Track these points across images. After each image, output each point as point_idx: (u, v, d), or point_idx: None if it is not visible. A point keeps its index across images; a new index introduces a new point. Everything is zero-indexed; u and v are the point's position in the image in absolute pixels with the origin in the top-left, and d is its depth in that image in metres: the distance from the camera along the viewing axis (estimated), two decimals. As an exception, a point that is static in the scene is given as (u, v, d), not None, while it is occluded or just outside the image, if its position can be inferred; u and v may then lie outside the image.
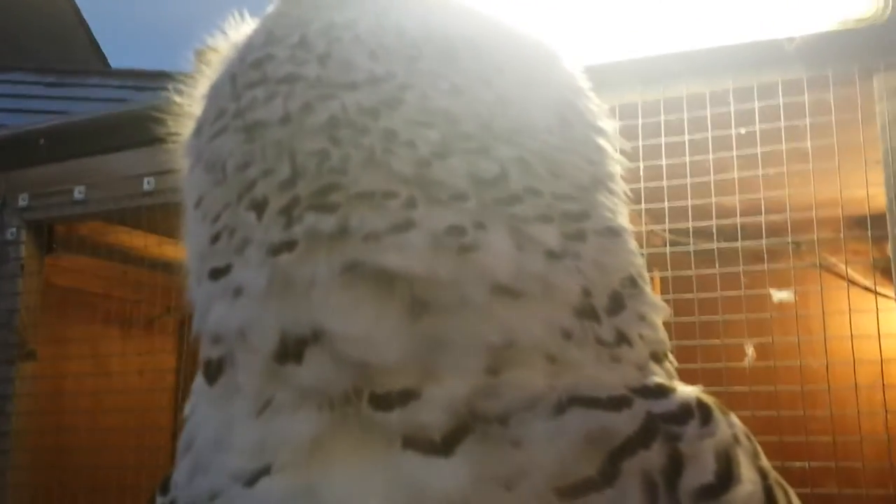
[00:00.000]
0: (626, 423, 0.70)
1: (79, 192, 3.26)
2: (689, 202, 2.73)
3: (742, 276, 2.69)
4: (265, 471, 0.70)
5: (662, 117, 2.76)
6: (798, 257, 2.85)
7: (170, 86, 0.93)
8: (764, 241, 2.67)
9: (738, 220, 2.68)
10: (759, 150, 2.67)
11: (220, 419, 0.75)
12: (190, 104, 0.87)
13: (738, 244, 2.69)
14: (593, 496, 0.66)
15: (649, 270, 0.85)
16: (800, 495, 2.48)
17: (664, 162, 2.74)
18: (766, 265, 2.69)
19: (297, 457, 0.69)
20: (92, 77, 6.72)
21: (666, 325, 0.84)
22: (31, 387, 3.37)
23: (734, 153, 2.69)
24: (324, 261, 0.71)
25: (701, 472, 0.70)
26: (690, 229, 2.76)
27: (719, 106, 2.71)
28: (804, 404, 2.65)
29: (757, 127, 2.68)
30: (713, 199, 2.72)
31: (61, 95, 6.20)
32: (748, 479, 0.72)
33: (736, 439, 0.75)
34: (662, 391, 0.74)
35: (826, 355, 2.63)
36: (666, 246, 2.80)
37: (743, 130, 2.69)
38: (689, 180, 2.72)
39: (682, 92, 2.76)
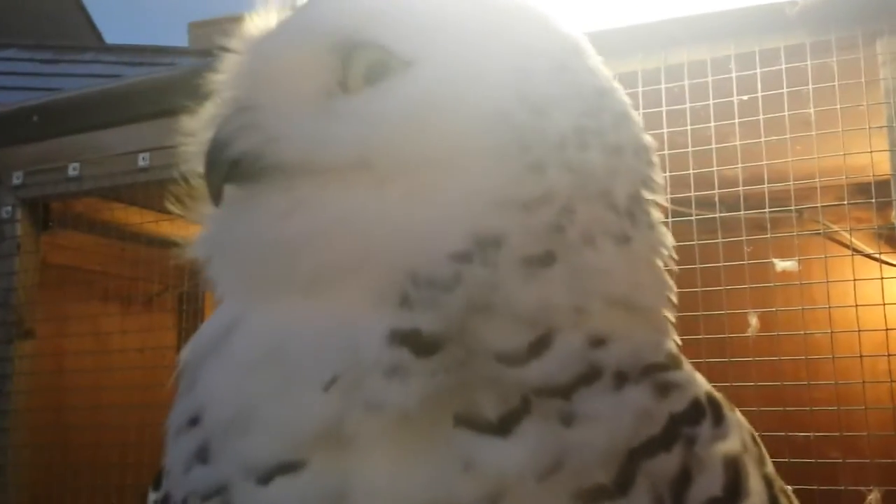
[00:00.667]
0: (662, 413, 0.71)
1: (73, 169, 3.22)
2: (691, 171, 2.69)
3: (745, 246, 2.66)
4: (284, 467, 0.67)
5: (663, 85, 2.71)
6: (801, 226, 2.80)
7: (166, 61, 0.94)
8: (767, 211, 2.63)
9: (741, 188, 2.64)
10: (761, 117, 2.62)
11: (251, 391, 0.71)
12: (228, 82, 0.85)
13: (741, 213, 2.65)
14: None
15: None
16: (804, 465, 2.47)
17: (665, 131, 2.69)
18: (769, 234, 2.65)
19: (329, 445, 0.67)
20: (87, 53, 6.66)
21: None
22: (30, 365, 3.35)
23: (736, 121, 2.64)
24: None
25: (709, 483, 0.70)
26: (693, 199, 2.72)
27: (721, 73, 2.66)
28: (808, 374, 2.62)
29: (759, 94, 2.63)
30: (715, 168, 2.67)
31: (56, 72, 6.15)
32: (755, 492, 0.73)
33: (744, 446, 0.75)
34: (676, 384, 0.73)
35: (830, 324, 2.60)
36: (668, 216, 2.76)
37: (745, 97, 2.64)
38: (690, 149, 2.68)
39: (683, 59, 2.70)
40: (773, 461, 2.63)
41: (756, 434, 0.80)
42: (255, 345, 0.73)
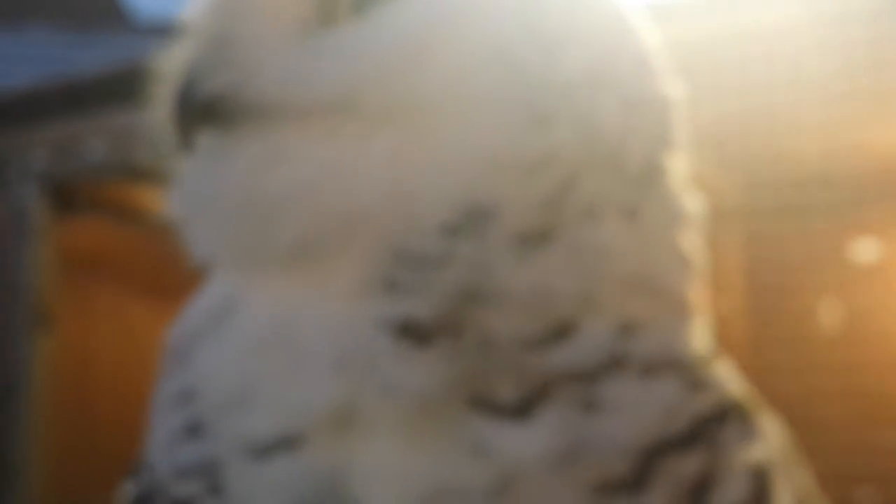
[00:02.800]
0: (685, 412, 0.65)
1: (98, 149, 3.13)
2: (766, 152, 2.54)
3: (825, 235, 2.52)
4: (284, 443, 0.63)
5: (730, 52, 2.54)
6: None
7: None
8: (848, 193, 2.48)
9: (817, 169, 2.48)
10: (841, 89, 2.45)
11: (254, 370, 0.66)
12: None
13: (819, 198, 2.49)
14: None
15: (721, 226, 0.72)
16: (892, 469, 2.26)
17: (736, 105, 2.53)
18: (851, 221, 2.50)
19: (328, 426, 0.63)
20: (114, 31, 6.68)
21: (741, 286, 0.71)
22: (52, 355, 3.29)
23: (815, 94, 2.47)
24: None
25: (731, 492, 0.64)
26: (767, 182, 2.57)
27: (800, 41, 2.49)
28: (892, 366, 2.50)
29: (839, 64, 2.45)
30: (791, 149, 2.51)
31: (81, 52, 6.16)
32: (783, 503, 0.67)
33: (774, 456, 0.68)
34: (704, 382, 0.67)
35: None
36: (738, 200, 2.62)
37: (824, 70, 2.46)
38: (765, 127, 2.52)
39: (752, 25, 2.54)
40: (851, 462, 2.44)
41: (792, 445, 0.71)
42: (256, 326, 0.67)
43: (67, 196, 3.36)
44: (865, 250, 2.50)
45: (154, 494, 0.78)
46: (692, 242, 0.72)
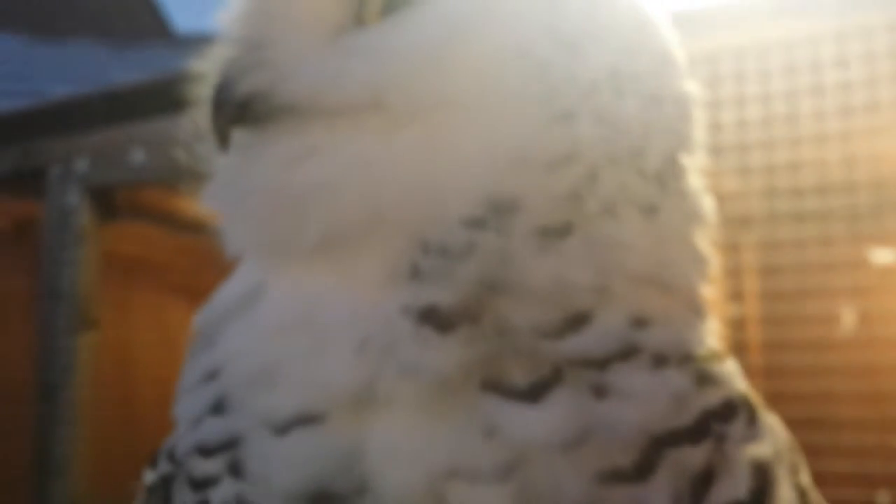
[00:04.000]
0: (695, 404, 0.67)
1: (139, 156, 3.20)
2: (783, 157, 2.55)
3: (840, 238, 2.52)
4: (304, 419, 0.66)
5: (751, 65, 2.57)
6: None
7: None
8: (863, 199, 2.48)
9: (837, 175, 2.49)
10: (858, 99, 2.47)
11: (278, 350, 0.69)
12: None
13: (836, 202, 2.50)
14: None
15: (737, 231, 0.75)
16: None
17: (754, 113, 2.55)
18: (866, 225, 2.50)
19: (346, 405, 0.66)
20: (152, 43, 6.76)
21: (758, 290, 0.76)
22: (94, 356, 3.36)
23: (830, 102, 2.49)
24: None
25: (733, 487, 0.66)
26: (783, 187, 2.58)
27: (815, 51, 2.51)
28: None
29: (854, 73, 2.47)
30: (808, 155, 2.53)
31: (125, 62, 6.23)
32: (786, 501, 0.69)
33: (777, 453, 0.71)
34: (713, 379, 0.70)
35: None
36: (755, 206, 2.63)
37: (841, 78, 2.48)
38: (782, 133, 2.53)
39: (773, 36, 2.56)
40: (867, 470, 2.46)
41: (793, 442, 0.75)
42: (282, 311, 0.71)
43: (109, 201, 3.43)
44: (883, 256, 2.49)
45: (174, 476, 0.81)
46: (707, 241, 0.75)
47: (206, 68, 0.80)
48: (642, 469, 0.63)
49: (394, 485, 0.64)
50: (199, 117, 0.80)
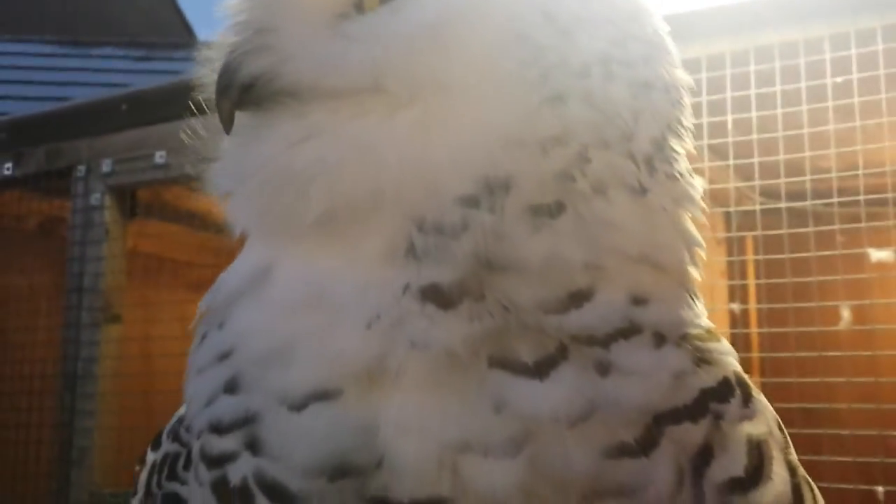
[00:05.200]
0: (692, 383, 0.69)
1: (160, 157, 3.28)
2: (782, 157, 2.59)
3: (838, 236, 2.55)
4: (319, 395, 0.67)
5: (752, 67, 2.61)
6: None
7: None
8: (862, 198, 2.52)
9: (834, 174, 2.53)
10: (856, 100, 2.51)
11: (290, 328, 0.70)
12: None
13: (835, 200, 2.54)
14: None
15: (739, 230, 0.78)
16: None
17: (754, 114, 2.60)
18: (863, 223, 2.53)
19: (363, 380, 0.67)
20: (180, 51, 6.82)
21: (758, 287, 0.78)
22: (117, 350, 3.42)
23: (830, 104, 2.53)
24: None
25: (731, 463, 0.68)
26: (783, 186, 2.62)
27: (813, 54, 2.55)
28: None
29: (854, 76, 2.52)
30: (807, 154, 2.57)
31: (150, 69, 6.32)
32: (779, 478, 0.70)
33: (770, 431, 0.73)
34: (709, 358, 0.71)
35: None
36: (756, 204, 2.68)
37: (839, 79, 2.53)
38: (781, 134, 2.58)
39: (773, 40, 2.61)
40: (866, 461, 2.48)
41: (781, 422, 0.77)
42: (291, 289, 0.72)
43: (132, 200, 3.51)
44: (882, 253, 2.51)
45: (179, 454, 0.83)
46: (697, 224, 0.77)
47: (212, 54, 0.81)
48: (645, 445, 0.65)
49: (408, 458, 0.65)
50: (204, 98, 0.82)
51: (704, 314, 0.76)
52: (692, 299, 0.75)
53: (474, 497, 0.64)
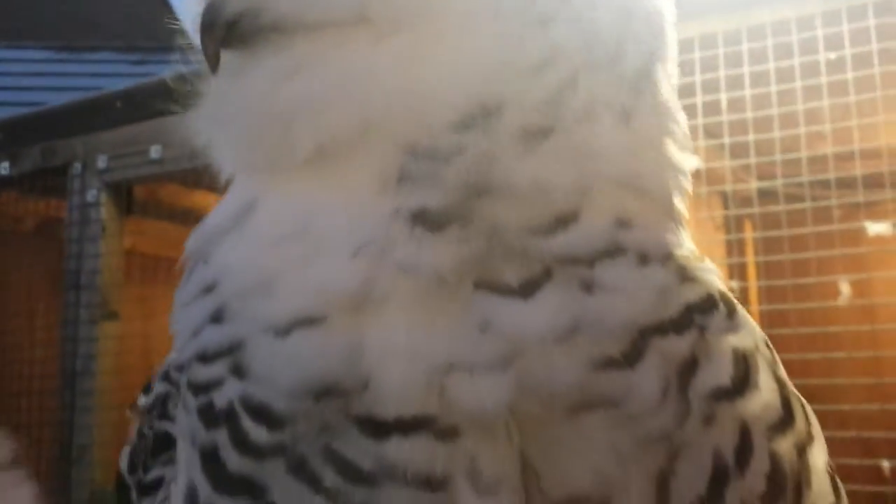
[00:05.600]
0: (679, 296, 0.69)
1: (155, 152, 3.28)
2: (777, 134, 2.59)
3: (835, 211, 2.55)
4: (304, 322, 0.67)
5: (745, 45, 2.61)
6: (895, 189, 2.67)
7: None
8: (859, 172, 2.51)
9: (830, 150, 2.52)
10: (850, 75, 2.51)
11: (275, 259, 0.70)
12: None
13: (831, 175, 2.53)
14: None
15: (736, 208, 0.77)
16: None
17: (748, 92, 2.60)
18: (861, 198, 2.53)
19: (348, 306, 0.66)
20: (175, 55, 6.82)
21: (757, 265, 0.77)
22: (115, 346, 3.42)
23: (824, 80, 2.53)
24: None
25: (717, 373, 0.69)
26: (779, 163, 2.62)
27: (806, 31, 2.55)
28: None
29: (847, 51, 2.51)
30: (802, 130, 2.56)
31: (146, 73, 6.32)
32: (766, 387, 0.71)
33: (756, 345, 0.73)
34: (693, 276, 0.72)
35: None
36: (753, 182, 2.67)
37: (833, 55, 2.52)
38: (776, 110, 2.57)
39: (766, 18, 2.60)
40: (869, 436, 2.47)
41: (770, 342, 0.77)
42: (277, 221, 0.72)
43: (128, 197, 3.52)
44: (875, 226, 2.50)
45: (170, 394, 0.84)
46: (682, 153, 0.76)
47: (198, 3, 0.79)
48: (631, 357, 0.65)
49: (394, 379, 0.65)
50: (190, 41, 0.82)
51: (690, 244, 0.76)
52: (677, 225, 0.75)
53: (460, 414, 0.64)
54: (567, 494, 0.65)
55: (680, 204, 0.76)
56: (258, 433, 0.67)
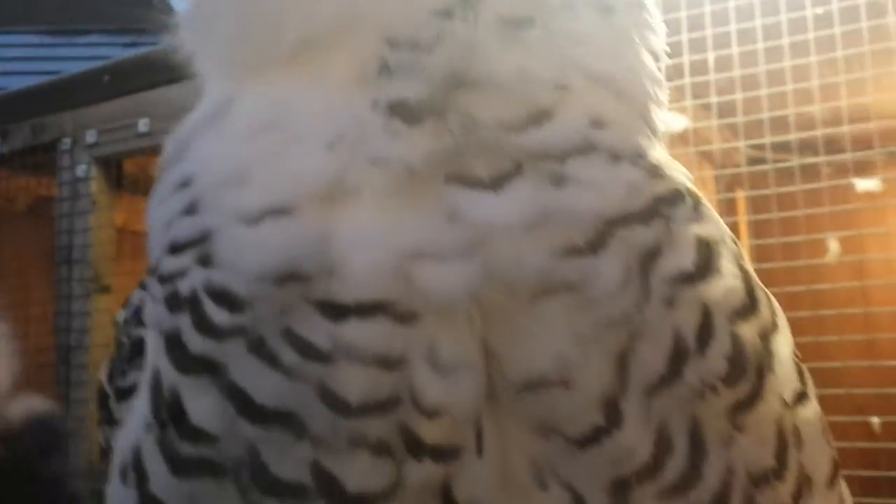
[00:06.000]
0: (646, 191, 0.69)
1: (143, 126, 3.27)
2: (765, 91, 2.58)
3: (823, 168, 2.54)
4: (275, 211, 0.67)
5: (732, 3, 2.60)
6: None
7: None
8: (846, 128, 2.50)
9: (818, 106, 2.51)
10: (837, 30, 2.50)
11: (250, 153, 0.70)
12: None
13: (819, 132, 2.53)
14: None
15: (724, 168, 0.77)
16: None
17: (735, 50, 2.59)
18: (849, 154, 2.52)
19: (318, 197, 0.67)
20: (166, 34, 6.80)
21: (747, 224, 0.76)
22: (108, 320, 3.42)
23: (811, 35, 2.52)
24: None
25: (680, 259, 0.69)
26: (766, 122, 2.61)
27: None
28: (893, 299, 2.50)
29: (834, 6, 2.50)
30: (790, 87, 2.55)
31: (137, 53, 6.31)
32: (729, 273, 0.71)
33: (722, 237, 0.73)
34: (663, 174, 0.72)
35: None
36: (741, 141, 2.66)
37: (820, 10, 2.51)
38: (763, 68, 2.57)
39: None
40: (860, 392, 2.46)
41: (736, 238, 0.76)
42: (253, 116, 0.72)
43: (118, 171, 3.52)
44: (863, 182, 2.49)
45: (146, 291, 0.81)
46: (657, 58, 0.77)
47: None
48: (594, 245, 0.67)
49: (360, 266, 0.66)
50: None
51: (666, 153, 0.75)
52: (651, 131, 0.75)
53: (424, 301, 0.65)
54: (528, 378, 0.66)
55: (655, 112, 0.76)
56: (219, 316, 0.68)
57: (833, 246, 2.50)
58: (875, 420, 2.41)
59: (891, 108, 2.55)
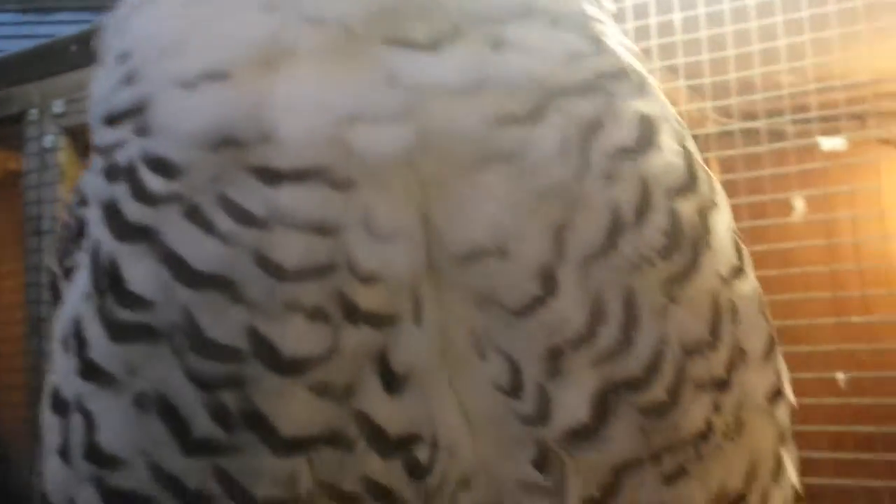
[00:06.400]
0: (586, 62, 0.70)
1: (111, 95, 3.24)
2: (732, 52, 2.58)
3: (789, 127, 2.55)
4: (211, 76, 0.67)
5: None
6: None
7: None
8: (812, 86, 2.51)
9: (783, 64, 2.52)
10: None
11: (186, 20, 0.70)
12: None
13: (785, 91, 2.53)
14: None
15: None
16: (860, 351, 2.33)
17: (703, 11, 2.59)
18: (813, 112, 2.53)
19: (255, 60, 0.67)
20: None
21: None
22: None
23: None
24: None
25: (620, 133, 0.69)
26: (733, 82, 2.61)
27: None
28: (859, 257, 2.52)
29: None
30: (756, 46, 2.56)
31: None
32: (669, 150, 0.71)
33: (664, 115, 0.73)
34: (609, 48, 0.72)
35: (881, 205, 2.50)
36: (707, 101, 2.67)
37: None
38: (730, 28, 2.57)
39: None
40: (824, 349, 2.47)
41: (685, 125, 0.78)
42: None
43: (85, 140, 3.49)
44: (828, 141, 2.51)
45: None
46: None
47: None
48: (533, 114, 0.67)
49: (296, 131, 0.66)
50: None
51: (620, 35, 0.76)
52: (599, 5, 0.75)
53: (360, 167, 0.65)
54: (466, 248, 0.66)
55: None
56: (155, 183, 0.68)
57: (798, 205, 2.51)
58: (841, 376, 2.42)
59: (855, 67, 2.56)
